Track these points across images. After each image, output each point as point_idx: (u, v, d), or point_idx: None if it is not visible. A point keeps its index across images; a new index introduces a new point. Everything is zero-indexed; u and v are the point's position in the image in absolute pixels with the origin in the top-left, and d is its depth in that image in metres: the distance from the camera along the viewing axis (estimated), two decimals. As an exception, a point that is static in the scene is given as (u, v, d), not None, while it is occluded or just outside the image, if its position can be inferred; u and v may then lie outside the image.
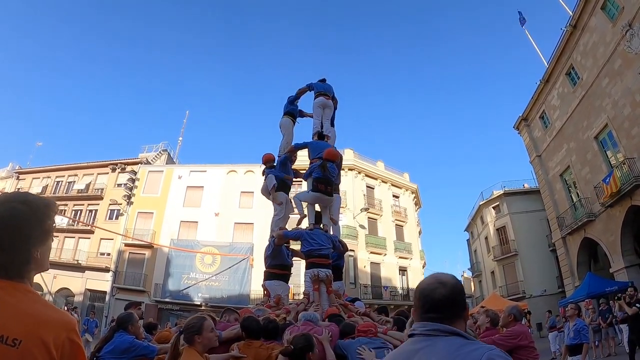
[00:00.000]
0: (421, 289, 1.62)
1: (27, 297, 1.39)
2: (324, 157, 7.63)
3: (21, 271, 1.41)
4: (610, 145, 19.72)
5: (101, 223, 32.57)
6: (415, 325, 1.58)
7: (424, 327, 1.53)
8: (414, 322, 1.62)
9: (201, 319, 3.16)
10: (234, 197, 33.00)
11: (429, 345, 1.48)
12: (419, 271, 35.67)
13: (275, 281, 7.68)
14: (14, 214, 1.39)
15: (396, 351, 1.70)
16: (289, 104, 9.70)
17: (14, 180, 39.03)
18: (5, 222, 1.37)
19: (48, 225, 1.50)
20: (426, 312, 1.55)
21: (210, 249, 30.32)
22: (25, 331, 1.30)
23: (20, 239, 1.39)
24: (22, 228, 1.40)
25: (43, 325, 1.34)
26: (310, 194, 7.62)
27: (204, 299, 28.63)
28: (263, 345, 4.06)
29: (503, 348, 4.46)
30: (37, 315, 1.36)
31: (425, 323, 1.54)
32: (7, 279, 1.37)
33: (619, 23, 17.92)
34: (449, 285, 1.57)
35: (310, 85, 9.55)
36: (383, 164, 37.54)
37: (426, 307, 1.56)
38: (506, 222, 36.07)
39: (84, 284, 31.11)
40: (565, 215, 23.67)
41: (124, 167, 35.31)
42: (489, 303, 20.74)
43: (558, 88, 23.81)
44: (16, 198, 1.48)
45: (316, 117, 9.15)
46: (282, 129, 9.54)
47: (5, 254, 1.37)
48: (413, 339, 1.57)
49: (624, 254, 18.67)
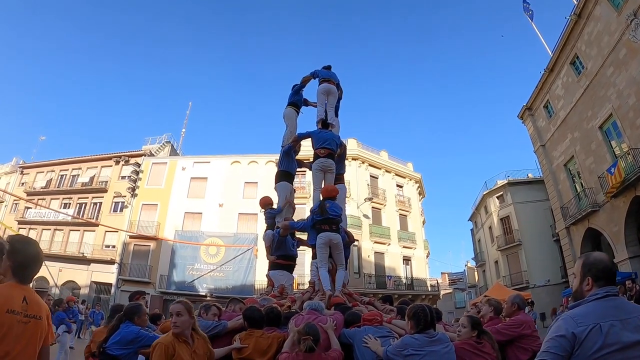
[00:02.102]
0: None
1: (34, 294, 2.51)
2: (322, 196, 7.22)
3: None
4: (614, 135, 19.60)
5: (106, 216, 32.79)
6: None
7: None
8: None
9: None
10: (238, 187, 33.12)
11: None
12: (423, 261, 35.72)
13: (279, 271, 7.71)
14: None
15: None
16: (293, 93, 9.53)
17: (18, 175, 39.24)
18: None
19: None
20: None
21: (214, 240, 30.45)
22: (41, 311, 2.48)
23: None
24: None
25: (44, 307, 2.51)
26: (319, 240, 6.82)
27: (208, 290, 28.81)
28: (264, 334, 4.10)
29: (506, 337, 4.50)
30: (42, 302, 2.51)
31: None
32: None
33: (624, 12, 17.74)
34: None
35: (315, 72, 9.35)
36: (387, 153, 37.47)
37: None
38: (510, 211, 36.08)
39: (89, 276, 31.41)
40: (569, 205, 23.61)
41: (128, 159, 35.46)
42: (493, 293, 20.77)
43: (562, 77, 23.66)
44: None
45: (320, 105, 8.94)
46: (286, 119, 9.38)
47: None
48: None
49: (628, 244, 18.62)
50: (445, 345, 3.50)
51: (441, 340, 3.50)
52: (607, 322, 1.91)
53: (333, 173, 8.14)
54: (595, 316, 1.95)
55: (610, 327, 1.90)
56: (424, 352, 3.38)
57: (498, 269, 37.82)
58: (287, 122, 9.39)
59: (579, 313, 2.01)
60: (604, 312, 1.96)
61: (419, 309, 3.56)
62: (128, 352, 4.17)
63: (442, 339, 3.53)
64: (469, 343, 3.73)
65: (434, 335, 3.50)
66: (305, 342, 3.41)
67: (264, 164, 32.90)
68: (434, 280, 39.12)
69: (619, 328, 1.90)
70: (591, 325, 1.91)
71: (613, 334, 1.88)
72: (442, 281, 54.62)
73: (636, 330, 1.91)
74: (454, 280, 59.49)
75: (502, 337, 4.40)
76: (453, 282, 59.16)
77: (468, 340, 3.75)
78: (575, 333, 1.91)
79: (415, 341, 3.45)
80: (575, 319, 1.97)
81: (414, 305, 3.68)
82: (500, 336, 4.35)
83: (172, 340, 3.09)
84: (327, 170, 8.03)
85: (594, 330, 1.90)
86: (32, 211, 35.34)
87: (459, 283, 58.29)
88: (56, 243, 33.48)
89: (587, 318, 1.95)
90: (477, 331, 3.83)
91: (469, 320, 3.96)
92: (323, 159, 7.96)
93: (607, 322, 1.91)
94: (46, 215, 34.38)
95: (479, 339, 3.78)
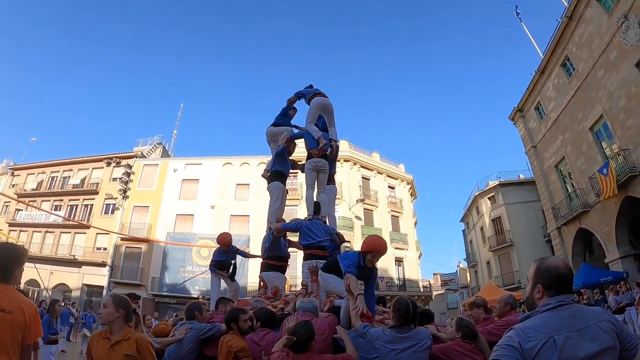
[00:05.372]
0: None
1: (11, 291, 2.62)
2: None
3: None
4: (605, 136, 19.76)
5: (97, 218, 32.56)
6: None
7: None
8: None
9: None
10: (230, 189, 33.06)
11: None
12: (415, 262, 35.80)
13: (273, 272, 7.65)
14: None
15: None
16: (280, 115, 9.21)
17: (9, 176, 38.88)
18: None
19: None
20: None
21: (206, 241, 30.29)
22: (13, 305, 2.51)
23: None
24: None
25: (22, 303, 2.57)
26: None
27: (200, 292, 28.64)
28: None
29: (498, 337, 4.48)
30: (19, 299, 2.60)
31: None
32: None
33: (615, 14, 17.90)
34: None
35: (299, 93, 8.93)
36: (379, 155, 37.58)
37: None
38: (501, 212, 36.20)
39: (81, 279, 31.13)
40: (560, 206, 23.76)
41: (119, 161, 35.20)
42: (485, 293, 20.84)
43: (553, 79, 23.83)
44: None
45: (311, 121, 8.27)
46: (271, 137, 9.19)
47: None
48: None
49: (619, 244, 18.78)
50: (416, 343, 3.48)
51: (412, 338, 3.49)
52: (561, 334, 1.76)
53: (326, 173, 8.09)
54: (548, 329, 1.79)
55: (565, 339, 1.75)
56: (388, 348, 3.41)
57: (490, 269, 37.93)
58: (270, 142, 9.22)
59: (529, 326, 1.85)
60: (558, 324, 1.81)
61: (401, 304, 3.56)
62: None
63: (414, 336, 3.51)
64: (459, 344, 3.72)
65: (405, 332, 3.50)
66: (289, 340, 3.40)
67: (256, 165, 32.78)
68: (426, 281, 39.21)
69: (575, 340, 1.76)
70: (544, 339, 1.76)
71: (569, 348, 1.73)
72: (434, 282, 54.70)
73: (595, 339, 1.78)
74: (446, 281, 59.62)
75: (494, 337, 4.38)
76: (445, 283, 59.29)
77: (460, 341, 3.74)
78: (526, 349, 1.75)
79: (384, 336, 3.48)
80: (527, 333, 1.81)
81: (398, 299, 3.68)
82: (493, 337, 4.32)
83: (97, 334, 3.14)
84: (320, 170, 7.97)
85: (547, 345, 1.75)
86: (23, 213, 35.01)
87: (451, 284, 58.42)
88: (47, 245, 33.17)
89: (538, 332, 1.79)
90: (461, 333, 3.80)
91: (456, 322, 3.95)
92: (316, 158, 7.90)
93: (561, 334, 1.76)
94: (37, 217, 34.04)
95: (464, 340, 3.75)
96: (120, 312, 3.08)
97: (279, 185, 8.44)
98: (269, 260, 7.71)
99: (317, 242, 6.80)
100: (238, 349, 3.87)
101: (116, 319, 3.07)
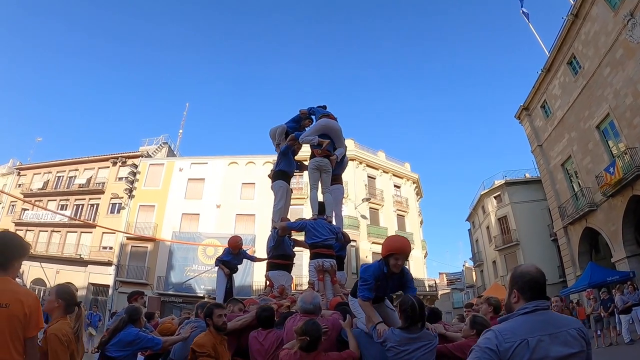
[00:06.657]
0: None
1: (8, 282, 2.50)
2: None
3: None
4: (611, 134, 19.66)
5: (103, 217, 32.70)
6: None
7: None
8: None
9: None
10: (235, 188, 33.11)
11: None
12: (421, 261, 35.76)
13: (278, 271, 7.64)
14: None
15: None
16: (291, 121, 9.09)
17: (15, 176, 39.08)
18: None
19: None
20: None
21: (212, 240, 30.35)
22: (11, 298, 2.40)
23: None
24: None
25: (20, 295, 2.46)
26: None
27: (206, 291, 28.71)
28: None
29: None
30: (16, 290, 2.49)
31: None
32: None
33: (621, 12, 17.80)
34: None
35: (312, 109, 8.81)
36: (384, 154, 37.53)
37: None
38: (507, 211, 36.09)
39: (86, 278, 31.28)
40: (566, 205, 23.66)
41: (125, 160, 35.36)
42: (491, 292, 20.82)
43: (559, 77, 23.71)
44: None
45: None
46: (272, 134, 9.24)
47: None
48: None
49: (625, 243, 18.68)
50: (425, 344, 3.48)
51: (422, 338, 3.49)
52: (534, 337, 1.91)
53: (329, 173, 8.03)
54: (522, 331, 1.94)
55: (537, 342, 1.89)
56: (399, 349, 3.40)
57: (496, 268, 37.82)
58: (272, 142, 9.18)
59: (506, 328, 2.00)
60: (532, 327, 1.95)
61: (406, 305, 3.54)
62: (127, 353, 4.17)
63: (423, 337, 3.51)
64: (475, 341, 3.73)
65: (415, 332, 3.49)
66: (302, 341, 3.39)
67: (262, 164, 32.83)
68: (431, 281, 39.14)
69: (547, 343, 1.90)
70: (518, 341, 1.90)
71: (541, 349, 1.88)
72: (440, 281, 54.67)
73: (566, 344, 1.92)
74: (451, 280, 59.54)
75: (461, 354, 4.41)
76: (451, 282, 59.22)
77: (476, 338, 3.73)
78: (502, 350, 1.90)
79: (393, 336, 3.47)
80: (503, 334, 1.95)
81: (402, 299, 3.65)
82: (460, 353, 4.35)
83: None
84: (323, 170, 7.89)
85: (521, 346, 1.88)
86: (29, 213, 35.20)
87: (457, 283, 58.36)
88: (53, 245, 33.34)
89: (514, 334, 1.93)
90: (475, 330, 3.81)
91: (470, 320, 3.95)
92: (319, 158, 7.85)
93: (534, 337, 1.91)
94: (43, 216, 34.23)
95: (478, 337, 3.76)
96: (60, 302, 3.15)
97: (282, 185, 8.40)
98: (275, 259, 7.70)
99: (322, 240, 6.79)
100: (196, 345, 3.80)
101: (55, 308, 3.14)
